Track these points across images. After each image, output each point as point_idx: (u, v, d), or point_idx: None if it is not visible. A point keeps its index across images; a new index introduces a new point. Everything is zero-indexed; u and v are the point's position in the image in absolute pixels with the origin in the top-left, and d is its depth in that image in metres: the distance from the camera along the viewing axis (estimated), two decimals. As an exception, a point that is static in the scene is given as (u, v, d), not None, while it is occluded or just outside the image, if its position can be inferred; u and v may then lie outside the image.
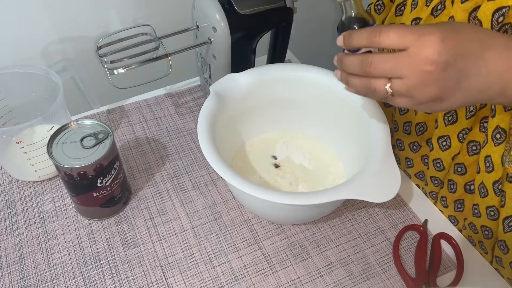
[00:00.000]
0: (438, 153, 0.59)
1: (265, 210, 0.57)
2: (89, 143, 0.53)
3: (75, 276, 0.54)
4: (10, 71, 0.61)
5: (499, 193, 0.53)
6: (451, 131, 0.56)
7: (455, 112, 0.55)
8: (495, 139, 0.51)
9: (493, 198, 0.53)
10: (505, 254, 0.54)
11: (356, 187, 0.50)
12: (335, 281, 0.54)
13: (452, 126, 0.56)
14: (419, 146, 0.64)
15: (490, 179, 0.53)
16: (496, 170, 0.52)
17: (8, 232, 0.59)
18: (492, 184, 0.53)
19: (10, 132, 0.58)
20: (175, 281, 0.54)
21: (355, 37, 0.43)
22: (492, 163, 0.52)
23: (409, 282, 0.54)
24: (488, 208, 0.55)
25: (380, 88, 0.41)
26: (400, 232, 0.59)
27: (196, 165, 0.67)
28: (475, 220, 0.57)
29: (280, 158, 0.66)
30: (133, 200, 0.62)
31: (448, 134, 0.57)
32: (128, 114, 0.74)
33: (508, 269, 0.55)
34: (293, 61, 0.84)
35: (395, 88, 0.40)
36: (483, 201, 0.55)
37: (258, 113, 0.65)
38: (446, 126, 0.56)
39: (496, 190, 0.53)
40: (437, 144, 0.59)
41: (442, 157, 0.59)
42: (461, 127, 0.55)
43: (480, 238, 0.58)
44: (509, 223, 0.52)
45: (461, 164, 0.57)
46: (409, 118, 0.64)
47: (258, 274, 0.55)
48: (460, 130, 0.55)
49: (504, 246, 0.54)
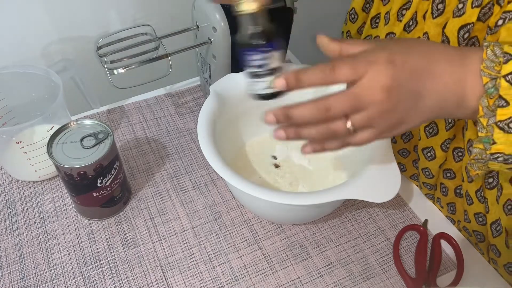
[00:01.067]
0: (425, 163, 0.60)
1: (265, 210, 0.57)
2: (89, 143, 0.53)
3: (75, 276, 0.54)
4: (10, 71, 0.61)
5: (482, 200, 0.53)
6: (433, 143, 0.57)
7: (435, 125, 0.55)
8: (469, 152, 0.52)
9: (478, 205, 0.54)
10: (498, 257, 0.55)
11: (356, 187, 0.50)
12: (335, 281, 0.54)
13: (434, 138, 0.56)
14: (408, 152, 0.64)
15: (472, 188, 0.54)
16: (475, 179, 0.53)
17: (8, 232, 0.59)
18: (475, 192, 0.54)
19: (10, 132, 0.58)
20: (175, 281, 0.54)
21: (305, 77, 0.40)
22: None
23: (409, 282, 0.54)
24: (476, 215, 0.55)
25: (340, 128, 0.40)
26: (400, 232, 0.59)
27: (196, 165, 0.67)
28: (467, 224, 0.58)
29: (280, 158, 0.66)
30: (133, 200, 0.62)
31: (432, 146, 0.57)
32: (128, 114, 0.74)
33: (503, 272, 0.55)
34: (293, 61, 0.84)
35: (357, 123, 0.40)
36: (470, 208, 0.56)
37: (258, 113, 0.65)
38: (428, 138, 0.57)
39: (479, 198, 0.54)
40: (423, 154, 0.59)
41: (429, 166, 0.59)
42: (443, 138, 0.55)
43: (475, 241, 0.58)
44: (496, 227, 0.53)
45: (450, 170, 0.58)
46: None
47: (258, 274, 0.55)
48: (443, 141, 0.56)
49: (496, 250, 0.54)
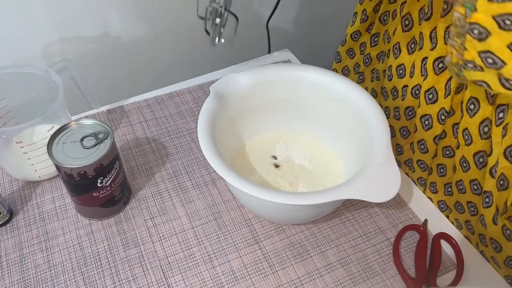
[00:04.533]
0: (422, 133, 0.60)
1: (265, 210, 0.57)
2: (89, 143, 0.53)
3: (75, 276, 0.55)
4: (10, 71, 0.61)
5: (480, 165, 0.54)
6: (432, 111, 0.58)
7: (435, 91, 0.57)
8: (470, 110, 0.52)
9: (475, 171, 0.54)
10: (485, 230, 0.55)
11: (356, 187, 0.50)
12: (335, 281, 0.55)
13: (432, 105, 0.58)
14: (408, 132, 0.65)
15: (470, 151, 0.54)
16: (475, 142, 0.53)
17: (8, 232, 0.59)
18: (472, 156, 0.54)
19: (10, 132, 0.58)
20: (175, 281, 0.54)
21: None
22: (470, 135, 0.53)
23: (409, 282, 0.54)
24: (471, 182, 0.55)
25: None
26: (400, 232, 0.59)
27: (196, 165, 0.67)
28: (460, 197, 0.58)
29: (280, 158, 0.66)
30: (133, 200, 0.62)
31: (430, 113, 0.58)
32: (128, 114, 0.74)
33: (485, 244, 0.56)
34: (293, 61, 0.84)
35: None
36: (466, 176, 0.56)
37: (258, 113, 0.65)
38: (427, 105, 0.58)
39: (477, 163, 0.54)
40: (420, 123, 0.60)
41: (425, 138, 0.60)
42: (440, 107, 0.57)
43: (467, 218, 0.58)
44: (485, 198, 0.54)
45: (449, 147, 0.59)
46: (398, 103, 0.65)
47: (258, 274, 0.55)
48: (439, 110, 0.57)
49: (484, 222, 0.55)
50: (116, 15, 0.81)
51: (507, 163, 0.50)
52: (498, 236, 0.53)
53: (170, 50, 0.91)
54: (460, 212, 0.59)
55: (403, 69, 0.63)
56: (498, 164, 0.50)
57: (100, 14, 0.79)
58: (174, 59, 0.93)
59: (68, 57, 0.80)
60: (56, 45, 0.79)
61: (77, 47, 0.81)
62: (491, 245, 0.55)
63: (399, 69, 0.63)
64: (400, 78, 0.64)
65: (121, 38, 0.84)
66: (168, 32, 0.88)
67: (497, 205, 0.52)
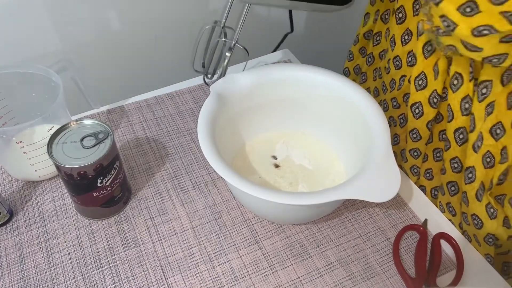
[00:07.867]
0: (413, 122, 0.60)
1: (265, 210, 0.57)
2: (89, 143, 0.53)
3: (75, 276, 0.55)
4: (10, 71, 0.61)
5: (460, 141, 0.54)
6: (422, 97, 0.58)
7: (424, 76, 0.57)
8: (453, 86, 0.53)
9: (455, 149, 0.54)
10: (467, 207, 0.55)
11: (356, 187, 0.50)
12: (335, 281, 0.55)
13: (422, 91, 0.58)
14: (405, 120, 0.66)
15: (451, 128, 0.54)
16: (455, 118, 0.54)
17: (8, 232, 0.59)
18: (453, 133, 0.54)
19: (10, 132, 0.58)
20: (175, 281, 0.54)
21: None
22: (452, 111, 0.54)
23: (409, 282, 0.54)
24: (451, 161, 0.56)
25: None
26: (400, 232, 0.59)
27: (196, 165, 0.67)
28: (443, 177, 0.58)
29: (280, 158, 0.66)
30: (133, 200, 0.62)
31: (420, 101, 0.59)
32: (128, 114, 0.74)
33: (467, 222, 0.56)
34: (293, 61, 0.84)
35: None
36: (447, 154, 0.56)
37: (258, 113, 0.65)
38: (417, 92, 0.59)
39: (457, 139, 0.54)
40: (411, 112, 0.60)
41: (417, 126, 0.60)
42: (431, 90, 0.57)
43: (447, 199, 0.58)
44: (468, 174, 0.54)
45: (444, 131, 0.59)
46: (395, 94, 0.66)
47: (258, 274, 0.55)
48: (430, 94, 0.57)
49: (466, 199, 0.55)
50: (116, 15, 0.81)
51: (492, 141, 0.49)
52: (481, 213, 0.53)
53: (170, 50, 0.91)
54: (442, 194, 0.59)
55: (399, 60, 0.63)
56: (483, 140, 0.50)
57: (100, 14, 0.79)
58: (174, 59, 0.93)
59: (68, 57, 0.80)
60: (56, 45, 0.79)
61: (77, 47, 0.81)
62: (472, 222, 0.55)
63: (396, 61, 0.64)
64: (398, 70, 0.64)
65: (121, 38, 0.84)
66: (168, 32, 0.88)
67: (482, 182, 0.52)
